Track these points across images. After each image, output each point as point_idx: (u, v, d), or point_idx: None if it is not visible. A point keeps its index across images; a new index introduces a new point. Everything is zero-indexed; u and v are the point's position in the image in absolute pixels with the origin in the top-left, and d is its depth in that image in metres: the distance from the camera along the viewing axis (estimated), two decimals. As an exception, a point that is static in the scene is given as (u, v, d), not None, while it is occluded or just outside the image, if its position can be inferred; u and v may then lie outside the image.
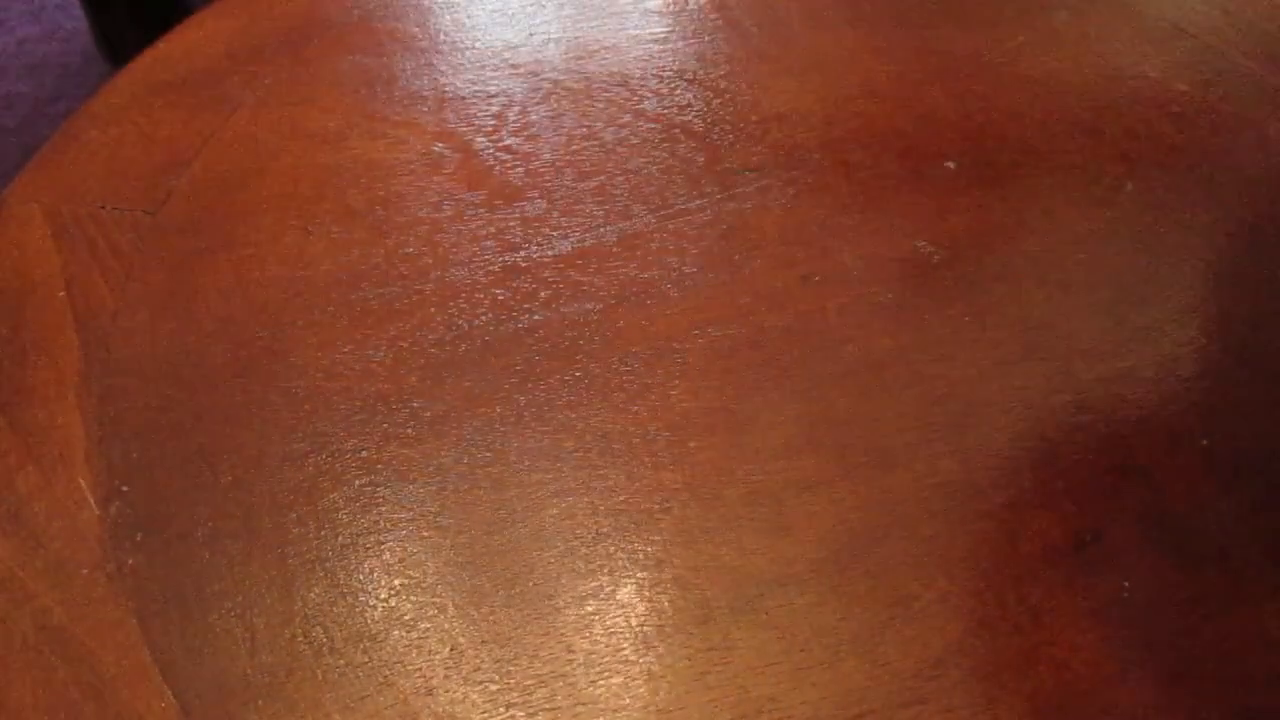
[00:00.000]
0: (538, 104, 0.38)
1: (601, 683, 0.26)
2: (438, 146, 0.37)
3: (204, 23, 0.43)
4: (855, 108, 0.38)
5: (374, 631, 0.27)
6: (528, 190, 0.36)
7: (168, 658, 0.26)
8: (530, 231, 0.35)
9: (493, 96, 0.39)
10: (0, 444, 0.30)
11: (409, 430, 0.30)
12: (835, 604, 0.27)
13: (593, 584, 0.27)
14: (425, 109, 0.38)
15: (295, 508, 0.29)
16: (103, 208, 0.36)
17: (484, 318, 0.33)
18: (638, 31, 0.41)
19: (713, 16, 0.42)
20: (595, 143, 0.37)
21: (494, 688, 0.26)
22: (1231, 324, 0.32)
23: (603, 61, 0.40)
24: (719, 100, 0.39)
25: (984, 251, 0.34)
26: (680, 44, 0.41)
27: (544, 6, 0.42)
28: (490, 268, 0.34)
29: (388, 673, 0.26)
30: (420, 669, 0.26)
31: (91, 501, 0.29)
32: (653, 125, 0.38)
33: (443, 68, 0.40)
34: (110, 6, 1.29)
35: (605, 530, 0.28)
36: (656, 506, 0.29)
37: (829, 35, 0.40)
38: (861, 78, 0.39)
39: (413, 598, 0.27)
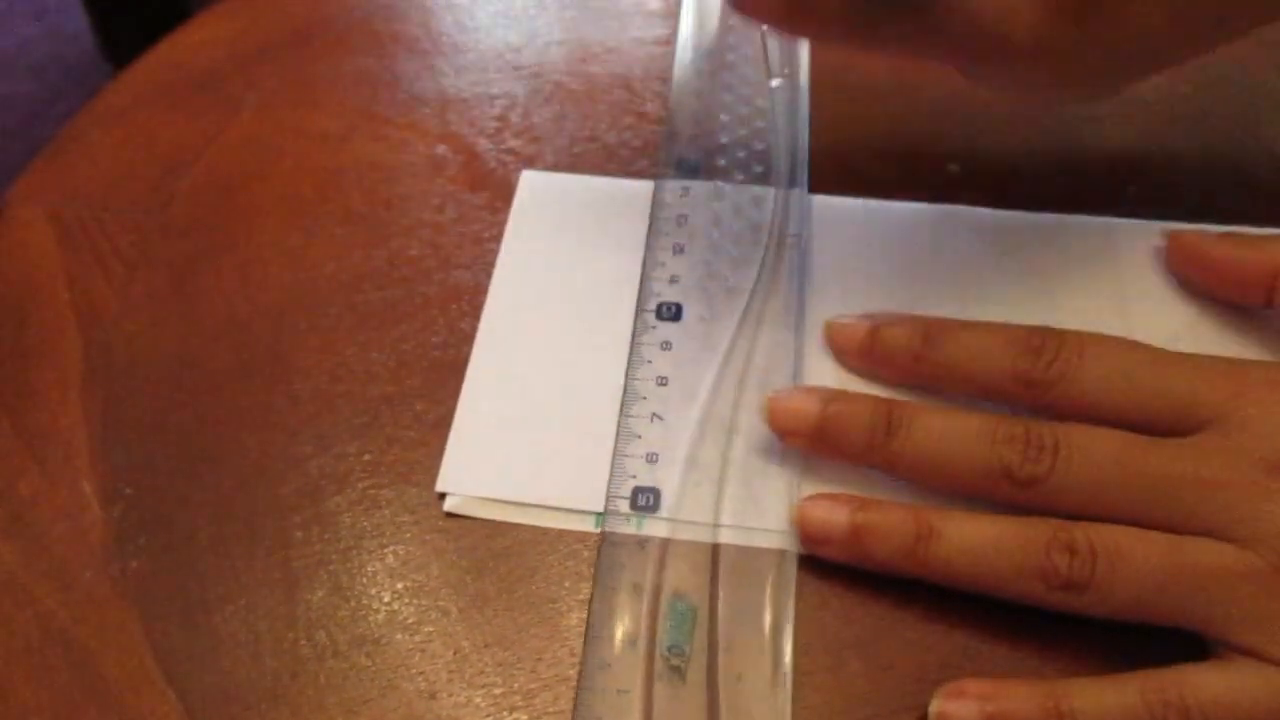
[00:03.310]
0: (540, 106, 0.38)
1: (605, 686, 0.26)
2: (440, 148, 0.37)
3: (206, 24, 0.43)
4: (855, 110, 0.38)
5: (377, 635, 0.27)
6: (530, 192, 0.36)
7: (171, 661, 0.26)
8: (533, 234, 0.35)
9: (495, 98, 0.39)
10: (3, 447, 0.31)
11: (412, 433, 0.30)
12: (837, 606, 0.27)
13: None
14: (428, 111, 0.38)
15: (298, 511, 0.29)
16: (105, 210, 0.36)
17: (487, 320, 0.33)
18: (640, 34, 0.41)
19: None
20: (598, 145, 0.37)
21: (497, 691, 0.26)
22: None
23: (605, 63, 0.40)
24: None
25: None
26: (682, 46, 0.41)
27: (547, 8, 0.42)
28: (493, 270, 0.34)
29: (391, 676, 0.26)
30: (424, 672, 0.26)
31: (95, 504, 0.29)
32: (655, 128, 0.38)
33: (445, 70, 0.40)
34: (112, 8, 1.29)
35: (608, 533, 0.28)
36: (660, 510, 0.29)
37: (831, 37, 0.40)
38: (861, 79, 0.39)
39: (416, 601, 0.27)
